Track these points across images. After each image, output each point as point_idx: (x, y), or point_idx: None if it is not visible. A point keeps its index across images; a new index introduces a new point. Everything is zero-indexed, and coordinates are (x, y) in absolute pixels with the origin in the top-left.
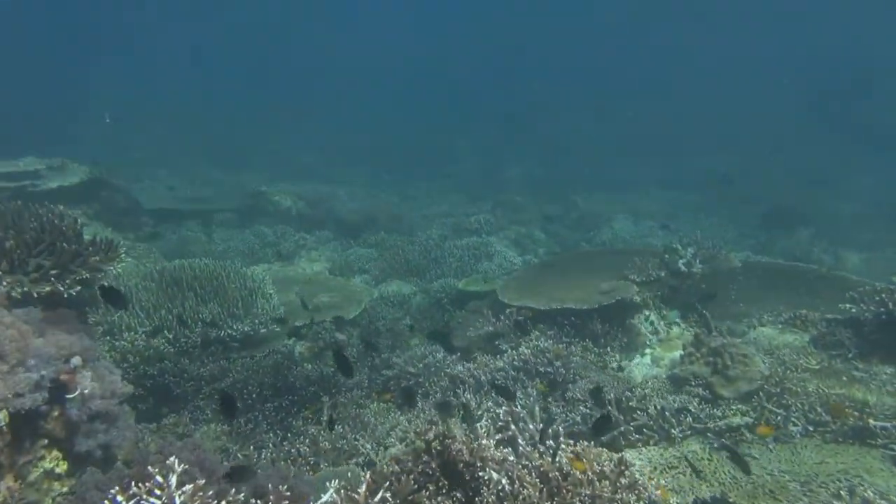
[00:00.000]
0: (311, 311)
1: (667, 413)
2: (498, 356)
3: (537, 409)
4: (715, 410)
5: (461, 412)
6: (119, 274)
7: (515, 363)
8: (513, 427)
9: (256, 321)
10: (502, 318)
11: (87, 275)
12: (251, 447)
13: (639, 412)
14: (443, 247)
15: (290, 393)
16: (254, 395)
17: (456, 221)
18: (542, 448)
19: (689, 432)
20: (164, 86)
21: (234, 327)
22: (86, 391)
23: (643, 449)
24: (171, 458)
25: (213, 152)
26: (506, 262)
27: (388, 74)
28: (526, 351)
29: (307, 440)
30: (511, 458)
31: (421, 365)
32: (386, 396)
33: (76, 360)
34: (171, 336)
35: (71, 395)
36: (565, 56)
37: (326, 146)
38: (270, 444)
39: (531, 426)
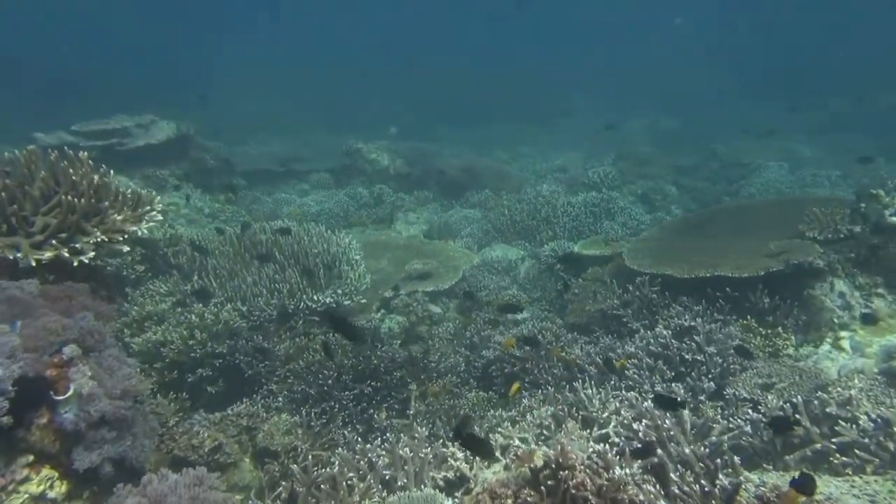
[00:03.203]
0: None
1: (891, 427)
2: (627, 338)
3: (687, 418)
4: None
5: (580, 414)
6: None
7: (652, 348)
8: (659, 451)
9: (339, 291)
10: (631, 288)
11: (105, 237)
12: (325, 446)
13: (843, 423)
14: (555, 204)
15: (373, 378)
16: (329, 381)
17: (571, 177)
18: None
19: None
20: (292, 49)
21: (315, 298)
22: (84, 391)
23: (856, 480)
24: None
25: (326, 117)
26: (632, 220)
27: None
28: (665, 332)
29: (386, 445)
30: (661, 502)
31: (527, 347)
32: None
33: (69, 350)
34: (243, 309)
35: (61, 397)
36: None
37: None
38: (343, 447)
39: (686, 449)
